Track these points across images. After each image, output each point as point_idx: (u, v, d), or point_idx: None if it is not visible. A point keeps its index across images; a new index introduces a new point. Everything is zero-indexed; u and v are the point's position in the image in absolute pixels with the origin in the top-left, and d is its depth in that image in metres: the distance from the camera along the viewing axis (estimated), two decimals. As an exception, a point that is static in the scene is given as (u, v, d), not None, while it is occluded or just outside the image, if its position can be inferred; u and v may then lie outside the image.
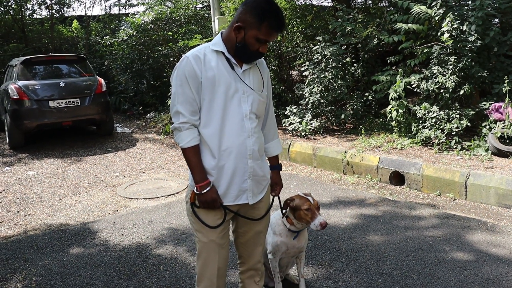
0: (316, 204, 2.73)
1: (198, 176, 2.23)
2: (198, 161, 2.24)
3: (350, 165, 6.33)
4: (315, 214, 2.69)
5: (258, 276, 2.64)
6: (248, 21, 2.15)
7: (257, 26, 2.13)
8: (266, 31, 2.14)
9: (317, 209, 2.72)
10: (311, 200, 2.73)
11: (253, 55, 2.24)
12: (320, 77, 7.66)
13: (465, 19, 6.36)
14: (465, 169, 5.21)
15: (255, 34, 2.15)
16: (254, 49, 2.19)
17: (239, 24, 2.17)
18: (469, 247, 3.86)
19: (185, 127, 2.21)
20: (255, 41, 2.17)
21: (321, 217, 2.67)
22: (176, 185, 6.18)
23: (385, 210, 4.84)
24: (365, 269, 3.56)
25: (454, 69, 6.24)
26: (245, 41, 2.17)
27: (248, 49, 2.19)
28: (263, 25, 2.13)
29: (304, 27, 9.46)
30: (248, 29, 2.15)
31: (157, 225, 4.66)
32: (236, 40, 2.20)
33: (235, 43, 2.21)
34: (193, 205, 2.32)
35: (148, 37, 12.00)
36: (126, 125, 11.02)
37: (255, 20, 2.13)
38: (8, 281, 3.59)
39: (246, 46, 2.18)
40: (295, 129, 7.64)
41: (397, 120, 6.78)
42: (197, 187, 2.24)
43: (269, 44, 1.98)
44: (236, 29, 2.18)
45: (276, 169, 2.62)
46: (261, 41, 2.17)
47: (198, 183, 2.23)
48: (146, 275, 3.60)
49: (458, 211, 4.82)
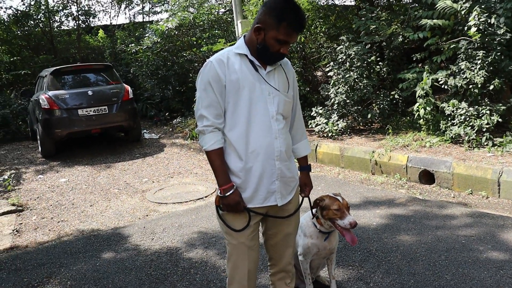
0: (345, 204, 2.71)
1: (222, 179, 2.25)
2: (222, 164, 2.26)
3: (378, 164, 6.26)
4: (345, 213, 2.67)
5: (289, 278, 2.63)
6: (267, 22, 2.15)
7: (276, 27, 2.13)
8: (285, 31, 2.14)
9: (347, 209, 2.70)
10: (340, 200, 2.71)
11: (274, 57, 2.24)
12: (345, 77, 7.60)
13: (493, 11, 6.20)
14: (498, 166, 5.08)
15: (275, 35, 2.14)
16: (275, 50, 2.19)
17: (259, 26, 2.17)
18: (505, 246, 3.76)
19: (208, 130, 2.23)
20: (275, 42, 2.16)
21: (350, 217, 2.65)
22: (205, 189, 6.22)
23: (416, 209, 4.76)
24: (397, 269, 3.51)
25: (483, 63, 6.10)
26: (265, 42, 2.17)
27: (268, 50, 2.19)
28: (281, 25, 2.12)
29: (327, 28, 9.41)
30: (267, 30, 2.15)
31: (186, 229, 4.71)
32: (257, 41, 2.21)
33: (256, 45, 2.21)
34: (218, 208, 2.33)
35: (173, 43, 12.15)
36: (153, 131, 11.17)
37: (274, 21, 2.13)
38: (45, 285, 3.68)
39: (267, 47, 2.18)
40: (321, 130, 7.60)
41: (425, 118, 6.66)
42: (220, 190, 2.25)
43: (291, 45, 1.96)
44: (256, 31, 2.19)
45: (305, 170, 2.62)
46: (281, 42, 2.17)
47: (222, 186, 2.25)
48: (177, 278, 3.64)
49: (491, 210, 4.70)
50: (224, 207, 2.29)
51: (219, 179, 2.26)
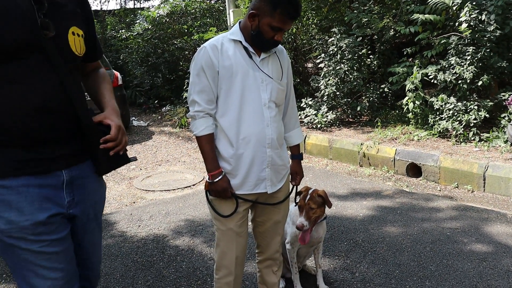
0: (308, 204, 2.71)
1: (210, 165, 2.26)
2: (211, 149, 2.26)
3: (367, 157, 6.30)
4: (302, 213, 2.71)
5: (276, 266, 2.65)
6: (262, 8, 2.14)
7: (271, 13, 2.12)
8: (280, 18, 2.13)
9: (307, 210, 2.70)
10: (306, 200, 2.72)
11: (269, 43, 2.23)
12: (336, 69, 7.61)
13: (484, 8, 6.24)
14: (484, 161, 5.15)
15: (269, 22, 2.14)
16: (269, 37, 2.18)
17: (253, 12, 2.17)
18: (488, 239, 3.82)
19: (199, 116, 2.24)
20: (269, 29, 2.15)
21: (302, 219, 2.69)
22: (192, 177, 6.21)
23: (402, 202, 4.81)
24: (382, 260, 3.54)
25: (472, 59, 6.14)
26: (260, 28, 2.17)
27: (263, 37, 2.18)
28: (276, 12, 2.11)
29: (319, 19, 9.39)
30: (262, 16, 2.15)
31: (173, 216, 4.70)
32: (251, 28, 2.20)
33: (250, 31, 2.21)
34: (207, 192, 2.34)
35: (163, 31, 12.04)
36: (142, 119, 11.10)
37: (269, 7, 2.12)
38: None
39: (261, 34, 2.18)
40: (310, 121, 7.62)
41: (414, 111, 6.71)
42: (209, 175, 2.27)
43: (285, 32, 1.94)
44: (251, 17, 2.18)
45: (297, 158, 2.63)
46: (276, 29, 2.16)
47: (210, 172, 2.26)
48: (163, 265, 3.64)
49: (476, 203, 4.76)
50: (212, 193, 2.31)
51: (208, 165, 2.27)
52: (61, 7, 1.67)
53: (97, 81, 1.94)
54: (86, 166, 1.78)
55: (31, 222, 1.60)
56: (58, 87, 1.61)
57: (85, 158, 1.77)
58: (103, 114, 1.79)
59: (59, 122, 1.63)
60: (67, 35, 1.66)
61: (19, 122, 1.55)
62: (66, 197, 1.71)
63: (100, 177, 1.89)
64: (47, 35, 1.57)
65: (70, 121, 1.66)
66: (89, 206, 1.82)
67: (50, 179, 1.65)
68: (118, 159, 1.83)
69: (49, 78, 1.59)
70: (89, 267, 1.92)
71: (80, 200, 1.77)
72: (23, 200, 1.59)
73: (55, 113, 1.61)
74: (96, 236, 1.92)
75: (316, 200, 2.72)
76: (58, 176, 1.68)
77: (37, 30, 1.55)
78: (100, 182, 1.90)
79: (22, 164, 1.58)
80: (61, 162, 1.67)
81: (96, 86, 1.93)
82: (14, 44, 1.50)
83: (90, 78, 1.96)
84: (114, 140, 1.74)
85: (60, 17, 1.64)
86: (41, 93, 1.57)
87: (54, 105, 1.60)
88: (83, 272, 1.90)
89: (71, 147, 1.70)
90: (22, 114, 1.55)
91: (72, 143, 1.70)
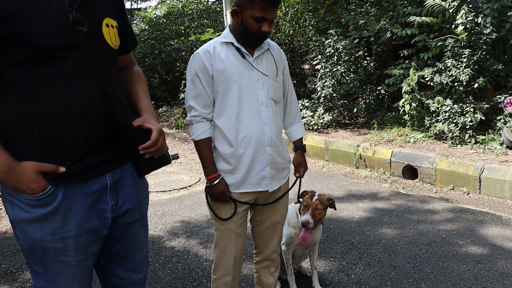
0: (315, 204, 2.71)
1: (208, 169, 2.27)
2: (209, 153, 2.28)
3: (363, 159, 6.31)
4: (307, 211, 2.71)
5: (273, 266, 2.64)
6: (241, 3, 2.15)
7: (250, 5, 2.12)
8: (259, 7, 2.11)
9: (313, 209, 2.70)
10: (314, 199, 2.72)
11: (257, 36, 2.21)
12: (333, 71, 7.62)
13: (480, 11, 6.27)
14: (479, 163, 5.16)
15: (251, 14, 2.13)
16: (255, 30, 2.17)
17: (235, 9, 2.18)
18: (484, 241, 3.83)
19: (196, 120, 2.26)
20: (253, 21, 2.14)
21: (307, 215, 2.68)
22: (188, 178, 6.20)
23: (398, 203, 4.81)
24: (378, 262, 3.55)
25: (468, 62, 6.17)
26: (244, 23, 2.16)
27: (249, 31, 2.18)
28: (254, 2, 2.11)
29: (316, 21, 9.41)
30: (243, 11, 2.15)
31: (169, 217, 4.69)
32: (237, 25, 2.21)
33: (238, 29, 2.21)
34: (207, 195, 2.35)
35: (160, 32, 12.02)
36: (138, 119, 11.06)
37: (247, 0, 2.13)
38: (24, 271, 3.63)
39: (247, 28, 2.17)
40: (307, 123, 7.62)
41: (410, 113, 6.73)
42: (207, 179, 2.28)
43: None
44: (234, 14, 2.20)
45: (300, 149, 2.61)
46: (259, 19, 2.14)
47: (208, 176, 2.27)
48: (159, 267, 3.63)
49: (472, 205, 4.78)
50: (210, 196, 2.32)
51: (206, 169, 2.28)
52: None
53: (133, 81, 1.83)
54: (127, 168, 1.71)
55: (74, 232, 1.55)
56: (98, 88, 1.51)
57: (126, 160, 1.70)
58: (142, 118, 1.70)
59: (102, 126, 1.55)
60: (101, 28, 1.55)
61: (63, 132, 1.47)
62: (110, 201, 1.65)
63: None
64: (81, 31, 1.46)
65: (111, 124, 1.57)
66: (134, 207, 1.74)
67: (96, 185, 1.59)
68: (159, 160, 1.76)
69: (88, 79, 1.49)
70: (136, 269, 1.84)
71: (124, 202, 1.70)
72: (68, 211, 1.53)
73: (98, 117, 1.53)
74: (143, 236, 1.84)
75: (324, 202, 2.73)
76: (103, 180, 1.61)
77: (70, 27, 1.44)
78: (143, 181, 1.82)
79: (70, 174, 1.51)
80: (105, 167, 1.61)
81: (132, 87, 1.82)
82: (47, 45, 1.40)
83: (125, 76, 1.84)
84: (155, 145, 1.66)
85: (92, 10, 1.52)
86: (81, 96, 1.47)
87: (96, 108, 1.51)
88: (130, 275, 1.83)
89: (113, 151, 1.63)
90: (65, 122, 1.46)
91: (114, 146, 1.63)
